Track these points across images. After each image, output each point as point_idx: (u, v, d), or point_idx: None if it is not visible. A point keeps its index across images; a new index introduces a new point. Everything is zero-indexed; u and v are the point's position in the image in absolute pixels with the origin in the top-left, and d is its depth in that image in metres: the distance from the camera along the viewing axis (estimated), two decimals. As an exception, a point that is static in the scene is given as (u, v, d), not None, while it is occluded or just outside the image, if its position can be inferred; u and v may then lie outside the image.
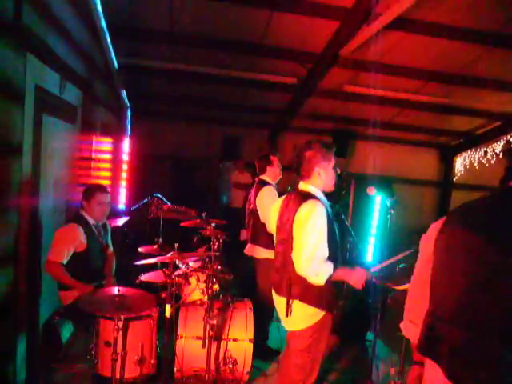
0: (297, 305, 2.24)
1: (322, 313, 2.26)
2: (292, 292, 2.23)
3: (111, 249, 3.46)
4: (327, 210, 2.20)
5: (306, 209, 2.16)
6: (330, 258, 2.14)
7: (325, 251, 2.13)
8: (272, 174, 3.73)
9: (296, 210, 2.19)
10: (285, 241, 2.28)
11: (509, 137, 6.98)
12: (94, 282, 3.03)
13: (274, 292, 2.44)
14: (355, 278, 2.20)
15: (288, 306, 2.24)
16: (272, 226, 2.57)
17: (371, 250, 5.33)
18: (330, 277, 2.12)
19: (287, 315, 2.25)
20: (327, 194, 2.40)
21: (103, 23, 3.82)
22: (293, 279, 2.22)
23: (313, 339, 2.27)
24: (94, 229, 3.12)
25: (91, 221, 3.11)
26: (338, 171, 2.40)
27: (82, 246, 2.99)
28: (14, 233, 2.45)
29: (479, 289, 1.27)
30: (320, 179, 2.29)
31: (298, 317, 2.27)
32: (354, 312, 3.71)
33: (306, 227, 2.13)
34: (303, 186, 2.34)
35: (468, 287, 1.30)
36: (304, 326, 2.26)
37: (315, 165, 2.27)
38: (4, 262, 2.37)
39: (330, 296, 2.27)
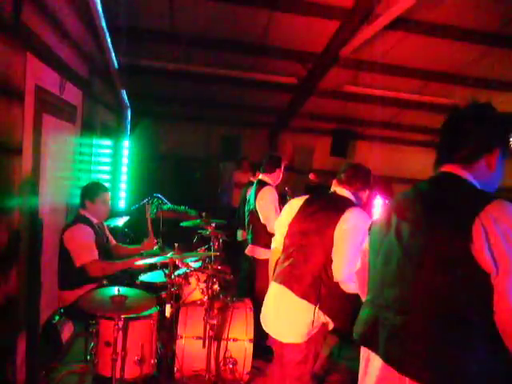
0: (309, 313, 2.14)
1: (320, 324, 2.19)
2: (315, 298, 2.13)
3: (113, 241, 3.50)
4: None
5: (356, 215, 2.17)
6: None
7: None
8: (276, 177, 3.72)
9: (339, 212, 2.16)
10: (310, 237, 2.20)
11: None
12: (97, 280, 3.02)
13: (281, 290, 2.26)
14: None
15: (314, 313, 2.13)
16: (280, 222, 2.48)
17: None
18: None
19: (312, 325, 2.14)
20: None
21: (103, 23, 3.82)
22: (324, 283, 2.14)
23: (308, 350, 2.20)
24: (97, 228, 3.14)
25: (94, 220, 3.12)
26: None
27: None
28: (14, 233, 2.45)
29: (408, 272, 1.37)
30: (364, 199, 2.41)
31: (304, 328, 2.16)
32: (354, 312, 3.72)
33: (359, 234, 2.10)
34: (341, 191, 2.36)
35: (399, 271, 1.41)
36: (302, 339, 2.17)
37: (368, 189, 2.43)
38: (4, 262, 2.37)
39: (347, 311, 2.22)
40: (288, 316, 2.21)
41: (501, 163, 1.40)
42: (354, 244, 2.10)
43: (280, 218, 2.52)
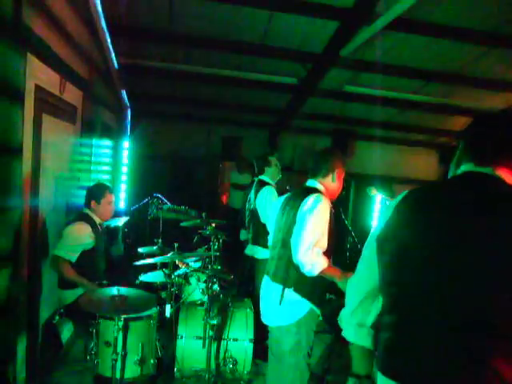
0: (288, 295, 2.27)
1: (308, 307, 2.29)
2: (288, 280, 2.27)
3: None
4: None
5: (313, 199, 2.24)
6: (325, 254, 2.20)
7: (324, 243, 2.19)
8: (271, 175, 3.75)
9: (302, 201, 2.26)
10: (286, 230, 2.31)
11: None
12: (96, 281, 3.03)
13: (267, 280, 2.45)
14: (344, 280, 2.22)
15: (282, 293, 2.27)
16: (272, 223, 2.58)
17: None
18: (322, 271, 2.16)
19: (280, 303, 2.28)
20: None
21: (103, 23, 3.82)
22: (291, 267, 2.26)
23: (300, 335, 2.29)
24: (99, 228, 3.15)
25: (97, 220, 3.14)
26: None
27: (89, 245, 3.02)
28: (14, 233, 2.45)
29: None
30: (333, 182, 2.44)
31: (287, 309, 2.29)
32: (326, 293, 3.71)
33: (311, 216, 2.18)
34: (312, 183, 2.44)
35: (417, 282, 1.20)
36: (290, 320, 2.28)
37: (336, 168, 2.44)
38: (4, 262, 2.37)
39: (321, 291, 2.34)
40: (272, 301, 2.35)
41: None
42: (311, 226, 2.18)
43: (270, 218, 2.67)
